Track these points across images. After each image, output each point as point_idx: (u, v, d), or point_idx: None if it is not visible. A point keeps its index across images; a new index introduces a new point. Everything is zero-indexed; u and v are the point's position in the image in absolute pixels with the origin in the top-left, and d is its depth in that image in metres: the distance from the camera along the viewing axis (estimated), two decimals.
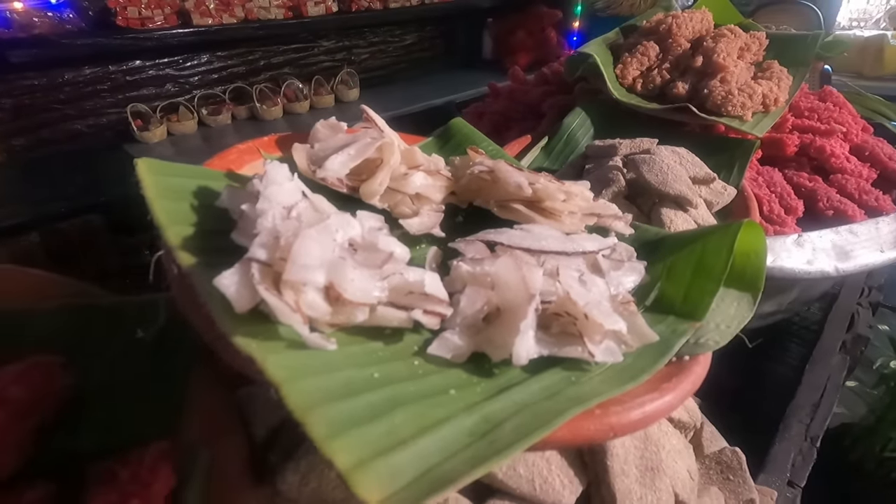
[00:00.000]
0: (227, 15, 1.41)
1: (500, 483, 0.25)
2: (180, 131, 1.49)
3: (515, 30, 1.93)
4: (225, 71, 1.59)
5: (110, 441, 0.23)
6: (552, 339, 0.23)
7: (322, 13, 1.56)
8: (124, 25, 1.30)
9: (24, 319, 0.26)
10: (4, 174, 1.30)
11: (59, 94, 1.37)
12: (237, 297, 0.19)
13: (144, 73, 1.47)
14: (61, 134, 1.39)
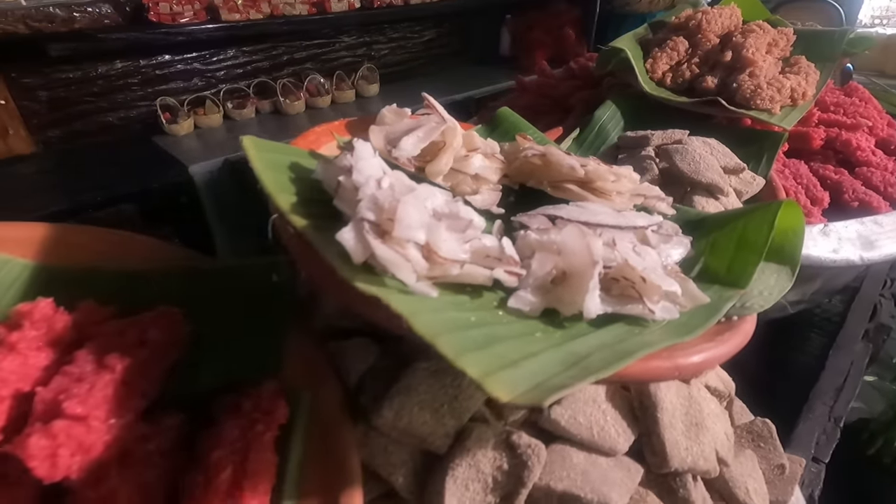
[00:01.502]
0: (253, 11, 1.45)
1: (562, 430, 0.28)
2: (206, 124, 1.54)
3: (533, 27, 1.95)
4: (249, 66, 1.63)
5: (221, 382, 0.27)
6: (614, 299, 0.26)
7: (345, 9, 1.59)
8: (156, 20, 1.35)
9: (144, 278, 0.29)
10: (40, 164, 1.36)
11: (92, 88, 1.41)
12: (355, 250, 0.22)
13: (173, 67, 1.51)
14: (94, 126, 1.44)
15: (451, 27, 2.02)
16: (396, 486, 0.26)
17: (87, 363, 0.22)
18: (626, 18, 1.99)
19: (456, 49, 2.07)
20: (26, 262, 0.29)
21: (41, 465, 0.18)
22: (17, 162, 1.34)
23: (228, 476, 0.21)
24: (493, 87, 1.77)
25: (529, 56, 1.95)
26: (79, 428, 0.19)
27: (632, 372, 0.20)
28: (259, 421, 0.23)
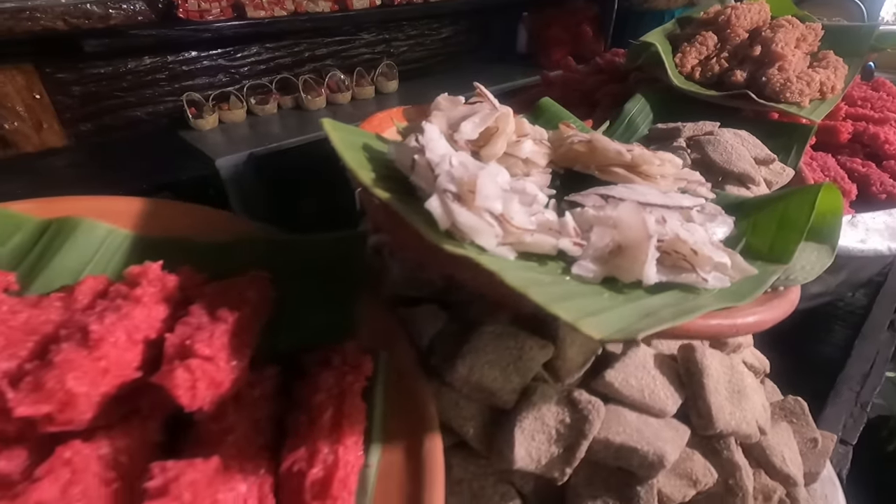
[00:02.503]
0: (278, 8, 1.49)
1: (616, 391, 0.31)
2: (230, 119, 1.58)
3: (551, 24, 1.96)
4: (272, 62, 1.66)
5: (302, 342, 0.30)
6: (667, 270, 0.29)
7: (366, 6, 1.62)
8: (184, 17, 1.39)
9: (230, 249, 0.32)
10: (73, 157, 1.40)
11: (121, 83, 1.46)
12: (441, 217, 0.25)
13: (199, 63, 1.55)
14: (123, 120, 1.49)
15: (469, 24, 2.04)
16: (467, 437, 0.28)
17: (201, 316, 0.25)
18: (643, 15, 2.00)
19: (473, 46, 2.09)
20: (127, 232, 0.32)
21: (184, 394, 0.21)
22: (51, 155, 1.39)
23: (329, 416, 0.24)
24: (510, 83, 1.79)
25: (546, 53, 1.97)
26: (209, 366, 0.22)
27: (696, 327, 0.23)
28: (349, 373, 0.26)
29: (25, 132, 1.36)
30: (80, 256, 0.30)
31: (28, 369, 0.20)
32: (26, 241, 0.30)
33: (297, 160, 1.45)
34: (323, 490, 0.21)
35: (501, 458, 0.27)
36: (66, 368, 0.20)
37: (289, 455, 0.23)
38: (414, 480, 0.24)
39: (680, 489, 0.30)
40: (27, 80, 1.33)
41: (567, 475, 0.28)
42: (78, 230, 0.30)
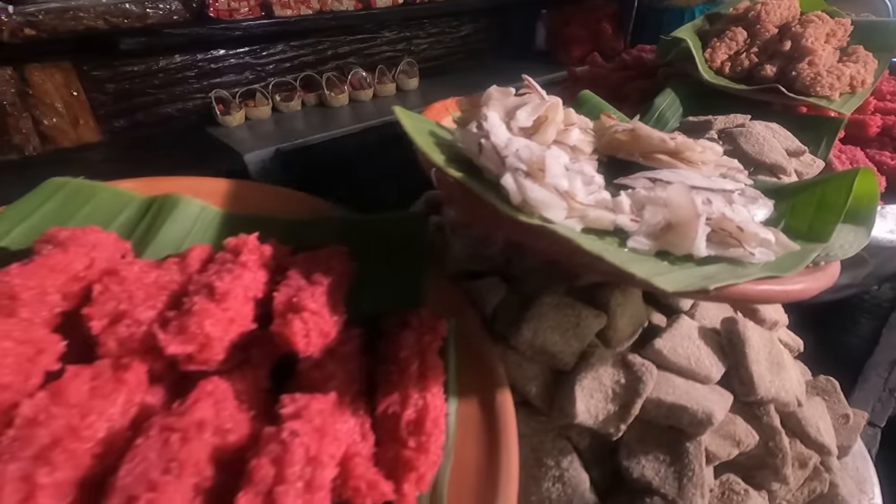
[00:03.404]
0: (304, 7, 1.53)
1: (664, 358, 0.33)
2: (256, 116, 1.62)
3: (570, 22, 1.98)
4: (296, 60, 1.71)
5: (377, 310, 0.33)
6: (715, 245, 0.31)
7: (389, 4, 1.66)
8: (214, 16, 1.43)
9: (308, 225, 0.36)
10: (107, 152, 1.46)
11: (153, 80, 1.51)
12: (515, 193, 0.27)
13: (227, 61, 1.60)
14: (154, 117, 1.54)
15: (488, 22, 2.07)
16: (529, 396, 0.31)
17: (299, 279, 0.28)
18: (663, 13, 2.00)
19: (492, 44, 2.12)
20: (216, 209, 0.36)
21: (300, 341, 0.24)
22: (86, 150, 1.45)
23: (415, 369, 0.27)
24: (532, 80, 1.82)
25: (565, 50, 1.99)
26: (318, 318, 0.25)
27: (751, 290, 0.25)
28: (427, 333, 0.29)
29: (63, 128, 1.42)
30: (181, 229, 0.33)
31: (170, 317, 0.24)
32: (134, 216, 0.33)
33: (323, 155, 1.49)
34: (417, 428, 0.25)
35: (563, 413, 0.30)
36: (203, 315, 0.23)
37: (383, 400, 0.26)
38: (490, 429, 0.27)
39: (724, 448, 0.32)
40: (65, 78, 1.39)
41: (622, 431, 0.31)
42: (178, 207, 0.34)
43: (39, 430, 0.19)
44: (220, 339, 0.23)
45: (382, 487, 0.23)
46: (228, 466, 0.21)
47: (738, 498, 0.32)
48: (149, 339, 0.23)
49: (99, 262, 0.26)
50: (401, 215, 0.38)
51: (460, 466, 0.26)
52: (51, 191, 0.33)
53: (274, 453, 0.20)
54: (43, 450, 0.19)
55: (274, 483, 0.19)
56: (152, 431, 0.20)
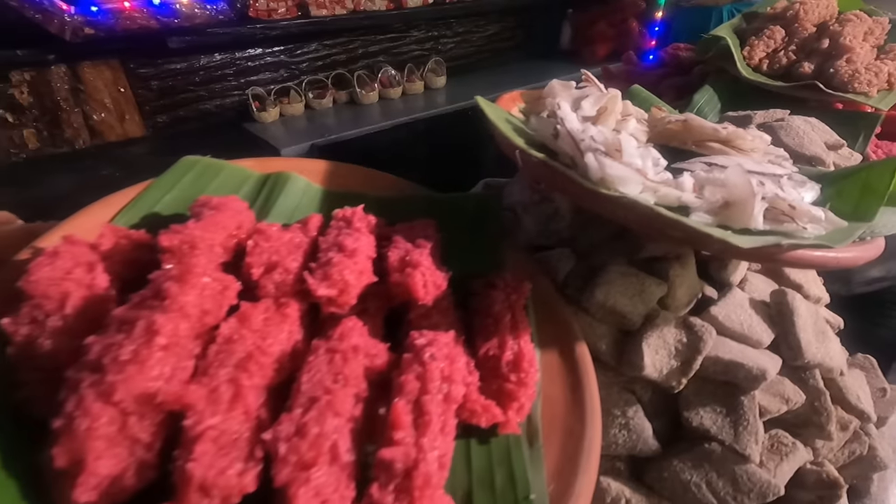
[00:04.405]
0: (338, 7, 1.60)
1: (719, 323, 0.38)
2: (290, 113, 1.69)
3: (596, 20, 2.01)
4: (329, 58, 1.77)
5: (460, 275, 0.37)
6: (770, 222, 0.35)
7: (419, 4, 1.72)
8: (254, 16, 1.51)
9: (395, 202, 0.41)
10: (151, 146, 1.54)
11: (194, 78, 1.59)
12: (596, 169, 0.32)
13: (263, 59, 1.68)
14: (194, 112, 1.62)
15: (514, 22, 2.11)
16: (599, 353, 0.36)
17: (405, 243, 0.33)
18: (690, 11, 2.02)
19: (517, 43, 2.16)
20: (318, 186, 0.41)
21: (420, 290, 0.29)
22: (131, 144, 1.53)
23: (508, 320, 0.32)
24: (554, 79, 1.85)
25: (591, 49, 2.02)
26: (430, 271, 0.30)
27: (808, 256, 0.29)
28: (513, 292, 0.34)
29: (111, 123, 1.51)
30: (292, 201, 0.39)
31: (314, 267, 0.29)
32: (253, 190, 0.39)
33: (356, 151, 1.55)
34: (516, 366, 0.29)
35: (631, 366, 0.35)
36: (342, 266, 0.28)
37: (483, 345, 0.31)
38: (572, 372, 0.32)
39: (774, 404, 0.36)
40: (114, 75, 1.47)
41: (682, 385, 0.35)
42: (289, 182, 0.39)
43: (236, 346, 0.24)
44: (355, 286, 0.28)
45: (493, 410, 0.27)
46: (375, 383, 0.26)
47: (787, 449, 0.36)
48: (297, 284, 0.29)
49: (246, 224, 0.31)
50: (476, 195, 0.42)
51: (549, 402, 0.30)
52: (186, 167, 0.39)
53: (417, 372, 0.25)
54: (241, 361, 0.24)
55: (420, 393, 0.24)
56: (320, 352, 0.25)
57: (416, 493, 0.22)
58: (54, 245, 0.27)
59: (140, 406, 0.21)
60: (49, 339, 0.24)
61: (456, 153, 1.73)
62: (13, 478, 0.21)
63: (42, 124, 1.43)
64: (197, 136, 1.58)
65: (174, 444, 0.22)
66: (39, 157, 1.44)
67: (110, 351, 0.22)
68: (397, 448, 0.22)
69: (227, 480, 0.20)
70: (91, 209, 0.33)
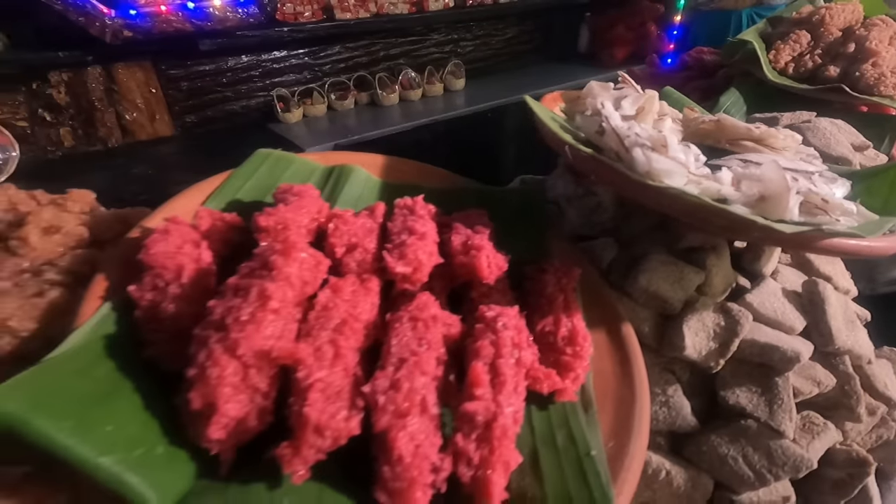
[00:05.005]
0: (362, 10, 1.65)
1: (754, 310, 0.40)
2: (313, 113, 1.74)
3: (615, 24, 2.04)
4: (351, 61, 1.82)
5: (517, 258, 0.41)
6: (804, 214, 0.38)
7: (441, 8, 1.76)
8: (281, 19, 1.56)
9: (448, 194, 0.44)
10: (180, 145, 1.60)
11: (221, 79, 1.65)
12: (643, 163, 0.35)
13: (287, 61, 1.73)
14: (221, 113, 1.68)
15: (532, 25, 2.15)
16: (642, 335, 0.39)
17: (465, 229, 0.36)
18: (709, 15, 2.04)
19: (536, 46, 2.20)
20: (377, 179, 0.44)
21: (485, 269, 0.32)
22: (161, 143, 1.59)
23: (561, 301, 0.35)
24: (572, 82, 1.88)
25: (609, 52, 2.04)
26: (493, 254, 0.33)
27: (844, 244, 0.32)
28: (563, 276, 0.37)
29: (142, 122, 1.57)
30: (356, 191, 0.42)
31: (390, 247, 0.32)
32: (320, 180, 0.43)
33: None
34: (571, 341, 0.32)
35: (672, 347, 0.38)
36: (416, 247, 0.32)
37: (539, 321, 0.34)
38: (620, 349, 0.35)
39: (806, 386, 0.39)
40: (146, 76, 1.53)
41: (720, 366, 0.38)
42: (352, 174, 0.43)
43: (332, 313, 0.27)
44: (426, 265, 0.32)
45: (554, 378, 0.30)
46: (451, 350, 0.29)
47: (818, 429, 0.39)
48: (375, 263, 0.32)
49: (324, 210, 0.35)
50: (522, 188, 0.46)
51: (599, 375, 0.33)
52: (260, 159, 0.43)
53: (491, 339, 0.28)
54: (338, 325, 0.27)
55: (495, 357, 0.27)
56: (404, 320, 0.28)
57: (495, 443, 0.25)
58: (162, 225, 0.31)
59: (258, 360, 0.25)
60: (171, 303, 0.27)
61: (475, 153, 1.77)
62: (155, 418, 0.24)
63: (77, 123, 1.50)
64: (223, 136, 1.64)
65: (285, 395, 0.25)
66: (74, 155, 1.50)
67: (231, 313, 0.25)
68: (479, 402, 0.26)
69: (336, 423, 0.24)
70: (184, 195, 0.37)
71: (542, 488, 0.26)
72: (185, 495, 0.23)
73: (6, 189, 0.39)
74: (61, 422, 0.20)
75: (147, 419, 0.24)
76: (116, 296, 0.28)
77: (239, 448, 0.25)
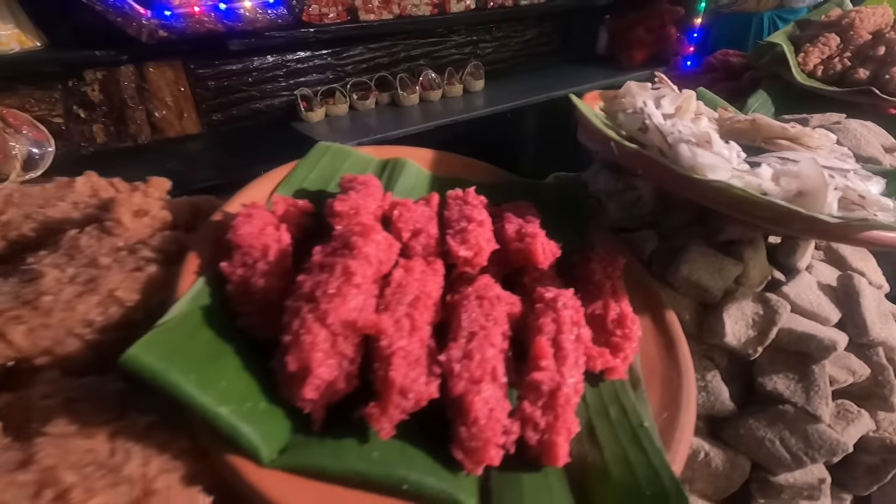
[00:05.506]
0: (385, 12, 1.68)
1: (791, 300, 0.42)
2: (335, 113, 1.78)
3: (634, 26, 2.05)
4: (372, 61, 1.86)
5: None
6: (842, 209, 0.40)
7: (462, 10, 1.79)
8: (307, 20, 1.60)
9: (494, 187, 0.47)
10: (206, 142, 1.65)
11: (247, 78, 1.69)
12: (688, 158, 0.37)
13: (311, 62, 1.77)
14: (246, 111, 1.72)
15: (552, 27, 2.17)
16: (683, 323, 0.41)
17: (516, 219, 0.39)
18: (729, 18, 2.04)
19: (554, 48, 2.22)
20: (427, 172, 0.47)
21: (540, 255, 0.35)
22: (188, 140, 1.64)
23: (609, 287, 0.37)
24: (591, 84, 1.90)
25: (628, 55, 2.06)
26: (546, 241, 0.36)
27: (884, 237, 0.34)
28: (609, 265, 0.39)
29: (171, 120, 1.62)
30: (409, 182, 0.45)
31: (452, 233, 0.35)
32: (376, 171, 0.46)
33: None
34: (621, 323, 0.35)
35: (713, 334, 0.40)
36: (477, 233, 0.34)
37: (589, 306, 0.36)
38: (665, 334, 0.37)
39: (841, 375, 0.41)
40: (175, 75, 1.59)
41: (758, 353, 0.40)
42: (406, 167, 0.46)
43: (406, 290, 0.30)
44: (486, 250, 0.34)
45: (607, 356, 0.33)
46: (513, 327, 0.31)
47: (852, 416, 0.40)
48: (437, 247, 0.35)
49: (387, 198, 0.38)
50: (564, 183, 0.48)
51: (646, 357, 0.36)
52: (321, 152, 0.46)
53: (552, 316, 0.30)
54: (412, 301, 0.30)
55: (556, 333, 0.30)
56: (471, 298, 0.31)
57: (559, 410, 0.27)
58: (245, 209, 0.34)
59: (345, 329, 0.27)
60: (260, 279, 0.30)
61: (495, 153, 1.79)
62: (254, 379, 0.27)
63: (109, 120, 1.55)
64: (248, 134, 1.68)
65: (368, 363, 0.28)
66: (106, 151, 1.55)
67: (319, 286, 0.28)
68: (544, 372, 0.28)
69: (419, 386, 0.26)
70: (257, 183, 0.40)
71: (601, 454, 0.29)
72: (284, 447, 0.25)
73: (89, 176, 0.42)
74: (188, 374, 0.23)
75: (248, 379, 0.27)
76: (208, 271, 0.31)
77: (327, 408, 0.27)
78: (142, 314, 0.30)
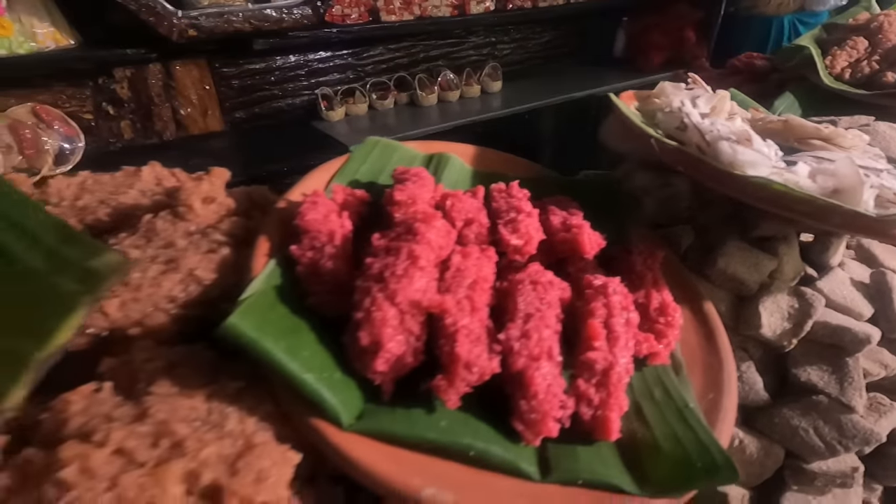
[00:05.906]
0: (406, 13, 1.71)
1: (826, 295, 0.43)
2: (355, 112, 1.81)
3: (652, 29, 2.06)
4: (392, 62, 1.89)
5: None
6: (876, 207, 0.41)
7: (482, 11, 1.81)
8: (330, 20, 1.63)
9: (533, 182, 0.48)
10: (229, 140, 1.68)
11: (270, 77, 1.73)
12: (729, 155, 0.39)
13: (332, 61, 1.80)
14: (268, 110, 1.76)
15: (569, 29, 2.19)
16: (719, 314, 0.42)
17: (560, 211, 0.41)
18: (749, 21, 2.05)
19: (571, 50, 2.23)
20: (468, 166, 0.49)
21: (587, 244, 0.37)
22: (211, 137, 1.68)
23: (650, 278, 0.39)
24: (608, 87, 1.91)
25: (646, 57, 2.06)
26: (591, 232, 0.38)
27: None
28: (648, 257, 0.41)
29: (195, 117, 1.66)
30: (454, 176, 0.47)
31: (502, 223, 0.37)
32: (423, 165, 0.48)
33: None
34: (663, 312, 0.36)
35: (749, 325, 0.41)
36: (526, 223, 0.36)
37: (633, 295, 0.38)
38: (704, 323, 0.39)
39: (874, 368, 0.42)
40: (201, 74, 1.63)
41: (793, 345, 0.41)
42: (450, 161, 0.48)
43: (465, 273, 0.32)
44: (535, 239, 0.36)
45: (651, 342, 0.34)
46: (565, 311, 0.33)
47: (884, 408, 0.42)
48: (490, 235, 0.37)
49: (439, 189, 0.40)
50: (600, 179, 0.50)
51: (686, 345, 0.37)
52: (371, 146, 0.48)
53: (603, 301, 0.32)
54: (471, 284, 0.32)
55: (608, 316, 0.31)
56: (526, 282, 0.33)
57: (612, 388, 0.29)
58: (310, 197, 0.36)
59: (411, 308, 0.30)
60: (329, 261, 0.32)
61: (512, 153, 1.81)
62: (328, 352, 0.29)
63: (136, 117, 1.60)
64: (270, 132, 1.72)
65: (432, 340, 0.30)
66: (132, 147, 1.60)
67: (387, 268, 0.30)
68: (598, 352, 0.30)
69: (482, 361, 0.28)
70: (314, 174, 0.43)
71: (650, 431, 0.30)
72: (360, 414, 0.28)
73: (154, 167, 0.45)
74: (278, 342, 0.26)
75: (323, 352, 0.29)
76: (278, 254, 0.34)
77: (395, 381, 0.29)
78: (218, 292, 0.33)
